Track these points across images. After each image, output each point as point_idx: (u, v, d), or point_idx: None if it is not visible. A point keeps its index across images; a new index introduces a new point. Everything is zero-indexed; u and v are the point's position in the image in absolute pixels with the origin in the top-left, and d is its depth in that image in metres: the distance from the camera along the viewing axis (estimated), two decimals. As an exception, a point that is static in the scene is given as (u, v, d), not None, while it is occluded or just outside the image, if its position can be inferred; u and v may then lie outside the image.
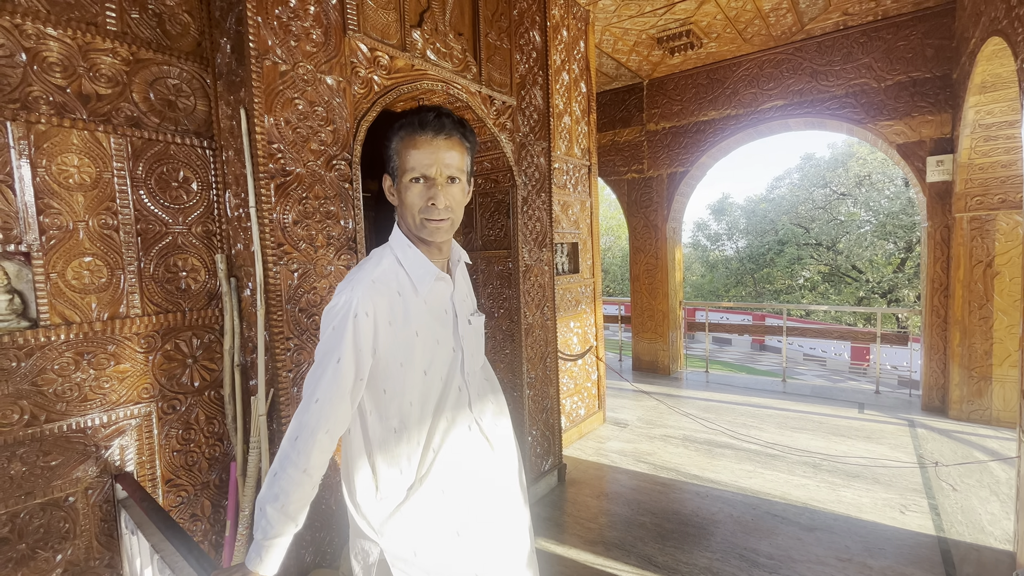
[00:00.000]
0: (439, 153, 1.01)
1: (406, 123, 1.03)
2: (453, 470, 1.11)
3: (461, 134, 1.05)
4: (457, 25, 2.45)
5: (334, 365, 0.98)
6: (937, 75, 4.33)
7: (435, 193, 1.01)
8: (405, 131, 1.02)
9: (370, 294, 1.00)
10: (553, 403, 3.18)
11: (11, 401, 1.39)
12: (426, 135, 1.00)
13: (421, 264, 1.07)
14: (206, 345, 1.78)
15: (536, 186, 3.03)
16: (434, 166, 1.01)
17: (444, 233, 1.06)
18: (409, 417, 1.06)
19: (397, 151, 1.04)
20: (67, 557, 1.49)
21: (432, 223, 1.04)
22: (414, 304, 1.06)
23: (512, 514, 1.21)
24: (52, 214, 1.45)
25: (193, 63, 1.73)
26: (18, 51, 1.38)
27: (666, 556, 2.42)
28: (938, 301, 4.45)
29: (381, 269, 1.05)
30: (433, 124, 1.01)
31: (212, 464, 1.80)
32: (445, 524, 1.08)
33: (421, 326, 1.06)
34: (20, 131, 1.39)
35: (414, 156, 1.01)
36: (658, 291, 6.12)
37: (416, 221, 1.04)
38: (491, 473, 1.18)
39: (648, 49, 5.10)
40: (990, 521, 2.67)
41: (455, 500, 1.09)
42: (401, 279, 1.06)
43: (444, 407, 1.11)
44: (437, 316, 1.11)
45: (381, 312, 1.01)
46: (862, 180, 17.60)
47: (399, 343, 1.04)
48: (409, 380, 1.06)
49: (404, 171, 1.03)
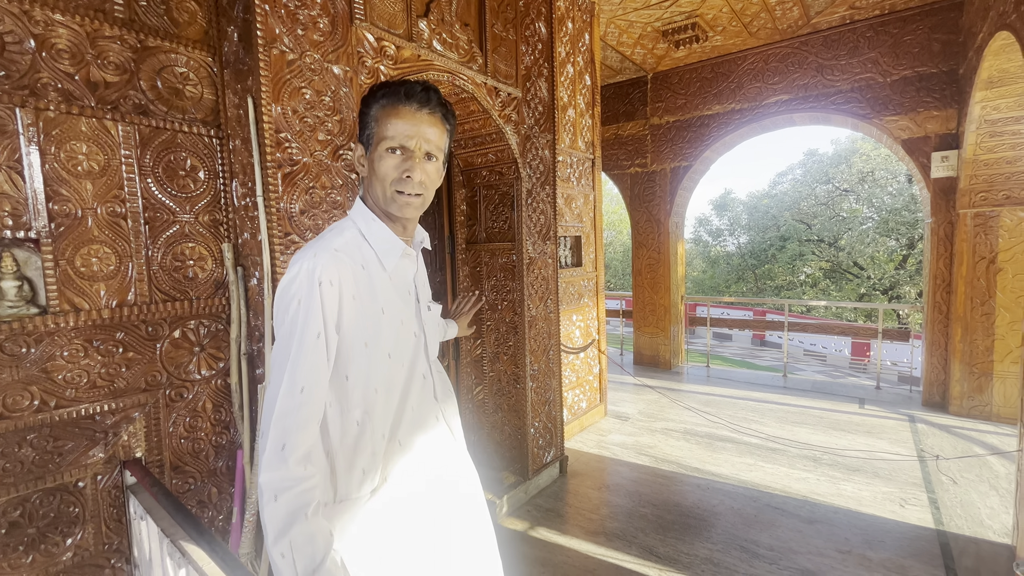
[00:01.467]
0: (421, 127, 0.95)
1: (390, 91, 0.96)
2: (420, 464, 1.04)
3: (444, 113, 1.00)
4: (463, 15, 2.44)
5: (313, 341, 0.88)
6: (943, 70, 4.31)
7: (412, 165, 0.95)
8: (388, 99, 0.95)
9: (334, 262, 0.90)
10: (555, 395, 3.20)
11: (21, 387, 1.40)
12: (411, 106, 0.95)
13: (387, 238, 1.00)
14: (213, 333, 1.79)
15: (540, 179, 3.02)
16: (415, 138, 0.95)
17: (414, 210, 0.99)
18: (374, 406, 0.96)
19: (376, 118, 0.96)
20: (76, 541, 1.51)
21: (403, 197, 0.97)
22: (380, 280, 0.98)
23: (478, 526, 1.14)
24: (61, 201, 1.45)
25: (200, 51, 1.72)
26: (27, 37, 1.38)
27: (667, 547, 2.44)
28: (940, 297, 4.45)
29: (343, 239, 0.96)
30: (419, 96, 0.95)
31: (219, 452, 1.82)
32: (411, 525, 1.00)
33: (387, 303, 0.98)
34: (29, 118, 1.39)
35: (395, 125, 0.94)
36: (660, 286, 6.12)
37: (387, 193, 0.97)
38: (455, 469, 1.12)
39: (653, 42, 5.07)
40: (989, 515, 2.69)
41: (423, 499, 1.03)
42: (365, 252, 0.98)
43: (409, 396, 1.03)
44: (401, 295, 1.03)
45: (346, 283, 0.92)
46: (865, 176, 17.54)
47: (364, 320, 0.94)
48: (374, 363, 0.96)
49: (381, 139, 0.96)
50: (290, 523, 0.83)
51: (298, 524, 0.83)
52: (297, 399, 0.87)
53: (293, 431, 0.86)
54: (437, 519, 1.04)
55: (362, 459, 0.96)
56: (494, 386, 3.10)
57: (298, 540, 0.83)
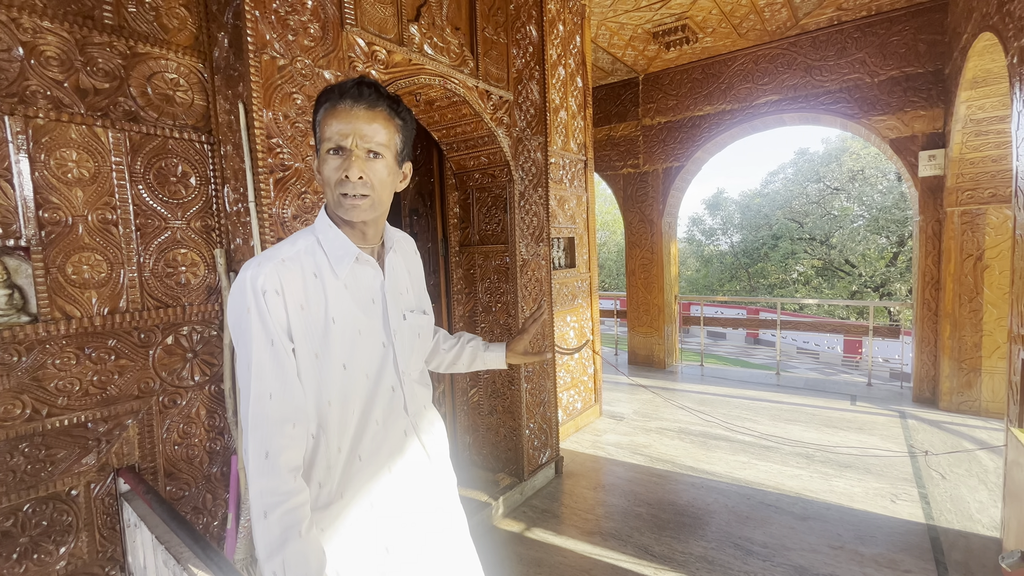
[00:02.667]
0: (357, 123, 0.91)
1: (331, 93, 0.93)
2: (384, 481, 1.00)
3: (389, 107, 0.95)
4: (454, 19, 2.45)
5: (269, 349, 0.88)
6: (929, 70, 4.37)
7: (348, 164, 0.91)
8: (329, 101, 0.93)
9: (277, 272, 0.90)
10: (550, 396, 3.21)
11: (12, 396, 1.39)
12: (344, 103, 0.91)
13: (340, 244, 0.97)
14: (206, 339, 1.78)
15: (533, 181, 3.04)
16: (350, 136, 0.90)
17: (362, 212, 0.95)
18: (328, 419, 0.94)
19: (319, 122, 0.94)
20: (70, 550, 1.50)
21: (348, 200, 0.93)
22: (333, 288, 0.95)
23: (452, 534, 1.11)
24: (51, 209, 1.45)
25: (191, 57, 1.72)
26: (15, 45, 1.38)
27: (662, 546, 2.46)
28: (929, 294, 4.51)
29: (295, 249, 0.95)
30: (352, 92, 0.91)
31: (213, 458, 1.81)
32: (373, 540, 0.97)
33: (339, 313, 0.95)
34: (18, 125, 1.38)
35: (332, 126, 0.91)
36: (653, 285, 6.16)
37: (334, 197, 0.94)
38: (427, 486, 1.07)
39: (644, 44, 5.11)
40: (978, 509, 2.73)
41: (385, 514, 0.99)
42: (319, 260, 0.96)
43: (373, 410, 1.00)
44: (361, 304, 0.99)
45: (291, 293, 0.91)
46: (855, 175, 17.71)
47: (313, 331, 0.93)
48: (326, 375, 0.94)
49: (322, 141, 0.93)
50: (283, 541, 0.83)
51: (291, 543, 0.83)
52: (268, 405, 0.87)
53: (272, 437, 0.86)
54: (404, 536, 1.01)
55: (318, 472, 0.95)
56: (489, 388, 3.11)
57: (291, 560, 0.82)
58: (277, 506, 0.84)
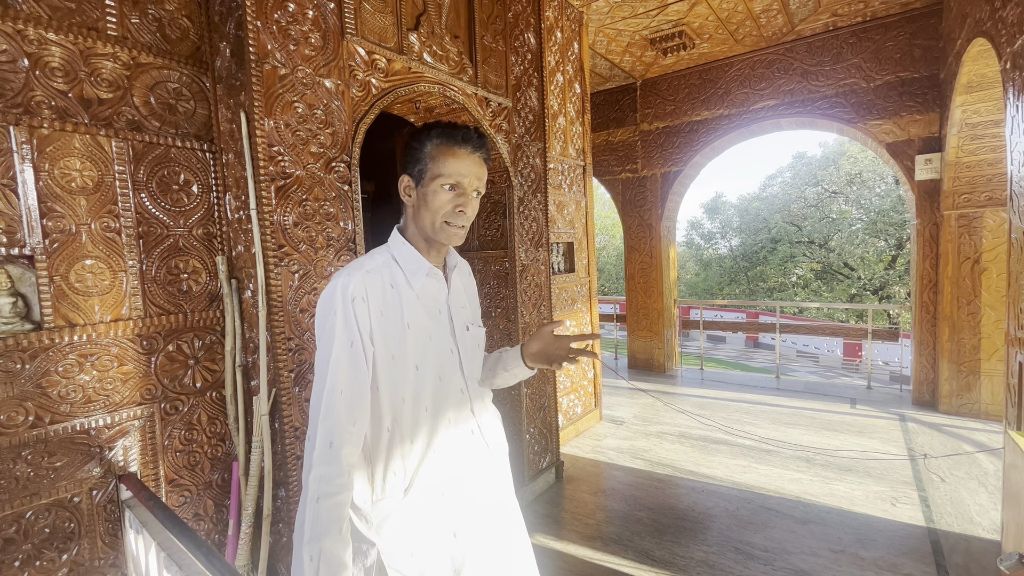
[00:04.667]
0: (475, 168, 1.07)
1: (445, 133, 1.06)
2: (454, 473, 1.11)
3: (486, 156, 1.11)
4: (453, 28, 2.47)
5: (348, 350, 0.98)
6: (925, 75, 4.40)
7: (465, 201, 1.06)
8: (443, 140, 1.06)
9: (364, 281, 1.01)
10: (550, 401, 3.21)
11: (16, 403, 1.40)
12: (466, 148, 1.06)
13: (414, 259, 1.10)
14: (208, 346, 1.79)
15: (532, 186, 3.06)
16: (468, 177, 1.06)
17: (459, 239, 1.10)
18: (401, 415, 1.06)
19: (430, 156, 1.06)
20: (72, 557, 1.51)
21: (451, 228, 1.08)
22: (407, 297, 1.07)
23: (511, 525, 1.20)
24: (55, 217, 1.46)
25: (193, 67, 1.74)
26: (20, 56, 1.40)
27: (663, 550, 2.46)
28: (927, 297, 4.53)
29: (375, 263, 1.07)
30: (475, 141, 1.07)
31: (215, 464, 1.82)
32: (443, 525, 1.07)
33: (413, 319, 1.07)
34: (23, 135, 1.40)
35: (451, 164, 1.05)
36: (653, 290, 6.17)
37: (437, 224, 1.07)
38: (490, 480, 1.18)
39: (641, 50, 5.15)
40: (978, 512, 2.73)
41: (453, 502, 1.09)
42: (395, 273, 1.08)
43: (445, 408, 1.11)
44: (431, 313, 1.12)
45: (374, 301, 1.02)
46: (853, 178, 17.77)
47: (391, 335, 1.04)
48: (400, 375, 1.05)
49: (436, 176, 1.05)
50: (326, 531, 0.92)
51: (332, 536, 0.92)
52: (337, 400, 0.97)
53: (337, 429, 0.95)
54: (468, 522, 1.11)
55: (394, 463, 1.05)
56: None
57: (328, 552, 0.91)
58: (331, 496, 0.93)
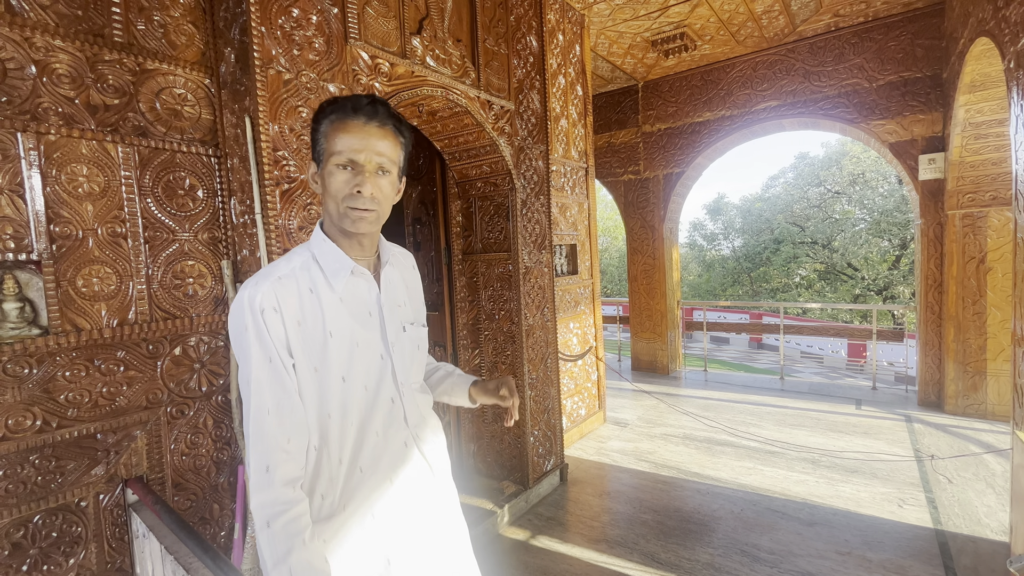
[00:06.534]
0: (370, 140, 0.94)
1: (338, 106, 0.95)
2: (385, 491, 1.01)
3: (396, 126, 0.99)
4: (456, 31, 2.48)
5: (267, 366, 0.90)
6: (927, 75, 4.39)
7: (362, 180, 0.94)
8: (337, 114, 0.95)
9: (274, 290, 0.92)
10: (554, 403, 3.21)
11: (23, 408, 1.41)
12: (358, 120, 0.94)
13: (336, 258, 0.99)
14: (213, 350, 1.80)
15: (535, 189, 3.06)
16: (363, 152, 0.94)
17: (367, 224, 0.98)
18: (328, 432, 0.96)
19: (325, 134, 0.96)
20: (79, 561, 1.51)
21: (355, 212, 0.96)
22: (329, 302, 0.97)
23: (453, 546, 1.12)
24: (62, 223, 1.47)
25: (198, 73, 1.76)
26: (28, 64, 1.41)
27: (669, 553, 2.45)
28: (932, 297, 4.51)
29: (291, 266, 0.97)
30: (366, 109, 0.94)
31: (220, 468, 1.82)
32: (375, 552, 0.98)
33: (336, 327, 0.97)
34: (30, 142, 1.41)
35: (343, 140, 0.93)
36: (656, 291, 6.16)
37: (339, 210, 0.96)
38: (429, 497, 1.08)
39: (643, 52, 5.15)
40: (986, 513, 2.71)
41: (386, 525, 1.00)
42: (315, 275, 0.97)
43: (372, 421, 1.01)
44: (358, 317, 1.00)
45: (288, 310, 0.92)
46: (856, 178, 17.72)
47: (312, 345, 0.94)
48: (325, 388, 0.95)
49: (331, 155, 0.95)
50: (288, 550, 0.84)
51: (296, 551, 0.85)
52: (265, 420, 0.89)
53: (272, 452, 0.88)
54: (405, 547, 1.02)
55: (321, 484, 0.96)
56: (493, 395, 3.11)
57: (297, 567, 0.84)
58: (279, 516, 0.86)
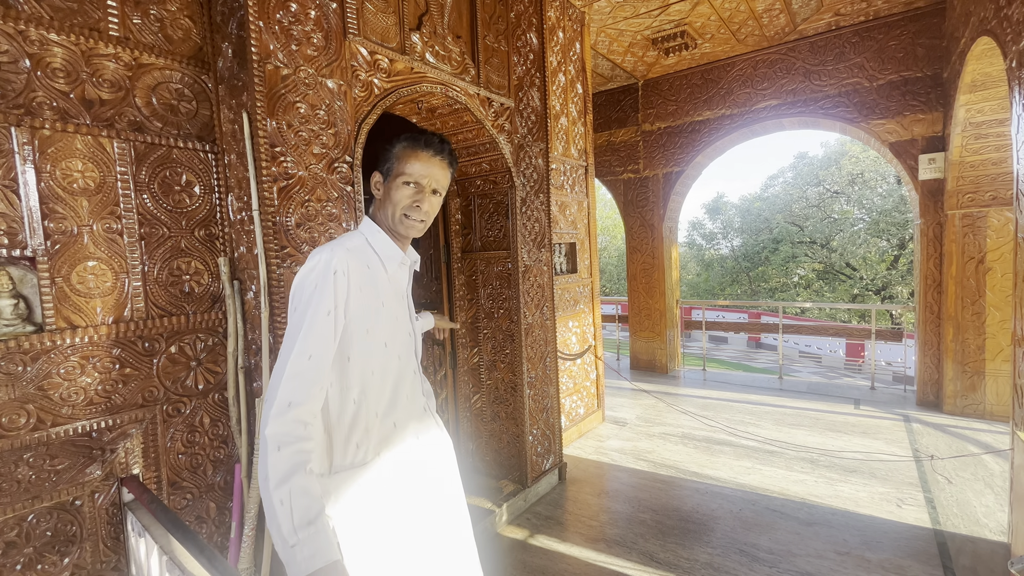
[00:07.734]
0: (433, 169, 1.19)
1: (413, 138, 1.19)
2: (412, 445, 1.20)
3: (451, 162, 1.24)
4: (455, 28, 2.47)
5: (324, 318, 1.02)
6: (928, 74, 4.38)
7: (422, 198, 1.19)
8: (410, 144, 1.18)
9: (346, 258, 1.08)
10: (553, 402, 3.20)
11: (17, 405, 1.39)
12: (428, 152, 1.18)
13: (390, 247, 1.20)
14: (210, 348, 1.79)
15: (534, 187, 3.05)
16: (427, 177, 1.18)
17: (417, 231, 1.22)
18: (370, 386, 1.13)
19: (397, 156, 1.19)
20: (74, 560, 1.50)
21: (410, 220, 1.19)
22: (382, 279, 1.17)
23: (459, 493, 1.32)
24: (57, 219, 1.46)
25: (195, 67, 1.74)
26: (22, 57, 1.39)
27: (667, 552, 2.45)
28: (931, 297, 4.50)
29: (355, 243, 1.16)
30: (436, 146, 1.19)
31: (217, 466, 1.81)
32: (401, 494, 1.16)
33: (387, 298, 1.17)
34: (24, 136, 1.39)
35: (413, 165, 1.17)
36: (655, 290, 6.15)
37: (397, 215, 1.19)
38: (442, 453, 1.30)
39: (643, 50, 5.13)
40: (985, 513, 2.71)
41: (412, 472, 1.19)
42: (370, 256, 1.17)
43: (403, 386, 1.20)
44: (398, 298, 1.22)
45: (355, 276, 1.09)
46: (855, 178, 17.73)
47: (367, 309, 1.12)
48: (372, 349, 1.13)
49: (400, 174, 1.17)
50: (291, 472, 0.93)
51: (298, 475, 0.93)
52: (305, 364, 1.00)
53: (299, 391, 0.98)
54: (426, 491, 1.21)
55: (356, 434, 1.12)
56: (492, 394, 3.10)
57: (297, 490, 0.92)
58: (291, 443, 0.95)
